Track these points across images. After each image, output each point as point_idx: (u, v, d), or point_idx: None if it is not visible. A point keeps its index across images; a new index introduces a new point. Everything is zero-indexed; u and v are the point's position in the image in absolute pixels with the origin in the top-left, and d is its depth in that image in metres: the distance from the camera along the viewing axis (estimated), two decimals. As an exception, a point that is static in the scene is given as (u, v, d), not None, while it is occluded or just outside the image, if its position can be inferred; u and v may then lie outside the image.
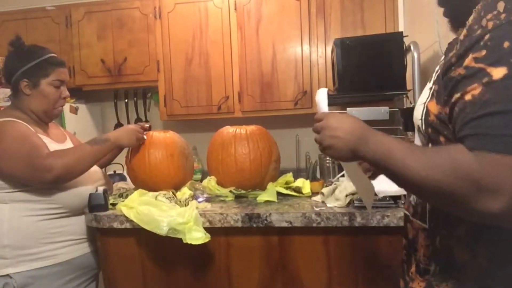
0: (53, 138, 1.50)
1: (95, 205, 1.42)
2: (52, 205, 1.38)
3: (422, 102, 0.80)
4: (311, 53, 2.67)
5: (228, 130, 1.65)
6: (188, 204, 1.41)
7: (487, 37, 0.63)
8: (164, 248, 1.40)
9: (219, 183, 1.61)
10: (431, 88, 0.78)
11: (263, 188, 1.59)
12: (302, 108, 2.69)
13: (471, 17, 0.69)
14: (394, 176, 0.71)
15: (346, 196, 1.36)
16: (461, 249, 0.73)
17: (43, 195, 1.37)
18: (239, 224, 1.32)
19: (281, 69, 2.70)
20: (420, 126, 0.79)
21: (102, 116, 3.31)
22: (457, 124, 0.66)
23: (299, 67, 2.68)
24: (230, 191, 1.57)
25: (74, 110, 2.83)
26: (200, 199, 1.56)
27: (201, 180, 1.75)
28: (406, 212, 0.90)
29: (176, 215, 1.27)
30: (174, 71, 2.82)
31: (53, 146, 1.43)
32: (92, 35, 2.92)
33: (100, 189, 1.45)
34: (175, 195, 1.49)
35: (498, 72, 0.61)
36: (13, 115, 1.41)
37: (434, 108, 0.74)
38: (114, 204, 1.47)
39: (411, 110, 1.56)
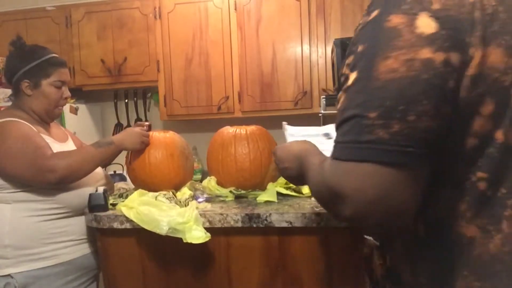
0: (55, 137, 1.50)
1: (95, 205, 1.41)
2: (54, 205, 1.39)
3: None
4: (311, 53, 2.67)
5: (228, 130, 1.65)
6: (188, 205, 1.41)
7: (353, 42, 0.62)
8: (164, 248, 1.40)
9: (219, 183, 1.61)
10: None
11: (263, 188, 1.59)
12: (302, 108, 2.69)
13: None
14: None
15: (346, 196, 1.36)
16: (404, 268, 0.66)
17: (45, 195, 1.37)
18: (239, 224, 1.32)
19: (281, 69, 2.70)
20: None
21: (102, 116, 3.31)
22: None
23: (299, 67, 2.68)
24: (230, 191, 1.57)
25: (74, 110, 2.83)
26: (200, 199, 1.56)
27: (201, 180, 1.75)
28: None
29: (176, 215, 1.27)
30: (174, 71, 2.82)
31: (55, 146, 1.43)
32: (92, 35, 2.92)
33: (100, 189, 1.45)
34: (175, 195, 1.49)
35: (352, 77, 0.58)
36: (15, 115, 1.41)
37: None
38: (114, 204, 1.47)
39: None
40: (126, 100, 3.24)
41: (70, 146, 1.56)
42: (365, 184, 0.54)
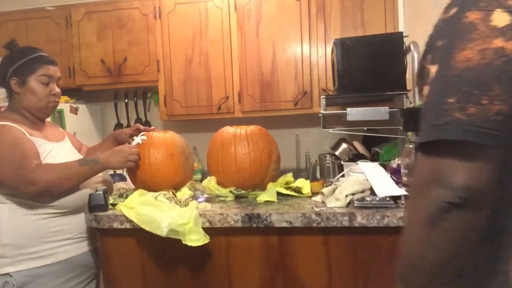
0: (50, 137, 1.50)
1: (95, 205, 1.42)
2: (51, 204, 1.39)
3: None
4: (311, 53, 2.67)
5: (228, 130, 1.65)
6: (188, 204, 1.41)
7: (432, 38, 0.69)
8: (164, 248, 1.40)
9: (219, 183, 1.61)
10: None
11: (263, 188, 1.59)
12: (302, 108, 2.69)
13: None
14: None
15: (346, 196, 1.36)
16: None
17: None
18: (239, 224, 1.32)
19: (281, 69, 2.70)
20: None
21: (102, 116, 3.31)
22: None
23: (299, 67, 2.68)
24: (230, 191, 1.57)
25: (74, 110, 2.83)
26: (200, 199, 1.56)
27: (201, 180, 1.75)
28: None
29: (176, 215, 1.27)
30: (174, 71, 2.82)
31: (46, 146, 1.43)
32: (92, 35, 2.92)
33: (100, 189, 1.45)
34: (175, 195, 1.49)
35: (433, 70, 0.63)
36: (8, 117, 1.42)
37: None
38: (114, 204, 1.47)
39: (411, 110, 1.56)
40: (126, 100, 3.24)
41: (66, 145, 1.56)
42: (453, 163, 0.58)
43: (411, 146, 1.40)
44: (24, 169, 1.31)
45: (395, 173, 1.51)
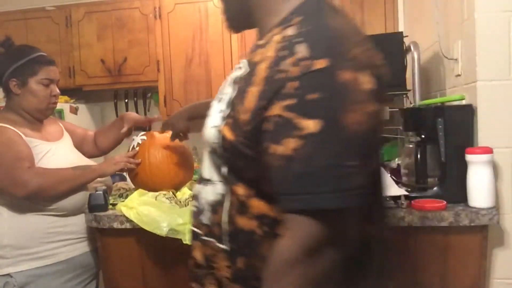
0: (48, 137, 1.49)
1: (95, 205, 1.42)
2: (50, 206, 1.39)
3: (213, 125, 0.72)
4: (311, 53, 2.67)
5: (228, 130, 1.65)
6: (188, 204, 1.42)
7: (295, 84, 0.58)
8: (164, 248, 1.40)
9: (219, 183, 1.61)
10: (221, 111, 0.72)
11: (263, 188, 1.59)
12: (302, 108, 2.69)
13: (272, 49, 0.63)
14: None
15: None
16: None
17: None
18: (239, 224, 1.32)
19: (281, 69, 2.70)
20: (216, 149, 0.71)
21: (102, 116, 3.31)
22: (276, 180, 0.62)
23: (299, 67, 2.68)
24: (230, 191, 1.57)
25: (74, 110, 2.83)
26: (200, 199, 1.56)
27: (201, 180, 1.74)
28: (197, 230, 0.79)
29: (176, 215, 1.27)
30: (174, 71, 2.82)
31: (43, 147, 1.43)
32: (92, 35, 2.92)
33: (100, 189, 1.45)
34: (175, 196, 1.49)
35: (311, 125, 0.57)
36: (6, 118, 1.41)
37: (230, 134, 0.67)
38: (114, 204, 1.47)
39: (411, 110, 1.56)
40: (126, 100, 3.24)
41: (64, 144, 1.55)
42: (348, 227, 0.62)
43: (411, 146, 1.40)
44: (15, 171, 1.30)
45: (395, 173, 1.51)
